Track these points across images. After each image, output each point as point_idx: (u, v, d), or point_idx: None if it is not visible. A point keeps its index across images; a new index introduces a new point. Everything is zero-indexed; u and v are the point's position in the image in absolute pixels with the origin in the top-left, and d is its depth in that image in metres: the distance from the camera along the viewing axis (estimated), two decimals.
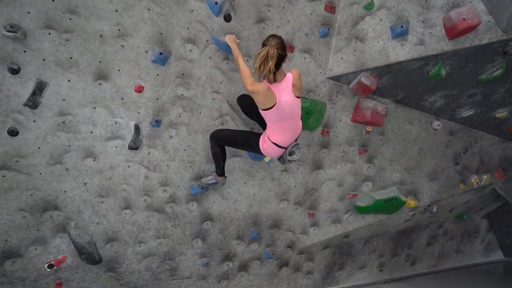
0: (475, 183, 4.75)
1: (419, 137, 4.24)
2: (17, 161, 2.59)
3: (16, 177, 2.61)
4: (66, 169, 2.75)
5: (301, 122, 2.72)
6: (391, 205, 4.23)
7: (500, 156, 4.97)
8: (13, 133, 2.53)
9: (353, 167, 4.02)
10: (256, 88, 2.41)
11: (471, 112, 4.17)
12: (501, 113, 4.24)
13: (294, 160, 2.78)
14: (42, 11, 2.44)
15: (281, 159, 2.83)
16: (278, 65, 2.37)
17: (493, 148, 4.85)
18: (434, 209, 4.67)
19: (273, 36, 2.37)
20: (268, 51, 2.31)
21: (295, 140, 2.74)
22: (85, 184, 2.84)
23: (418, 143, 4.27)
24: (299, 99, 2.56)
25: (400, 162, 4.25)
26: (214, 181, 3.11)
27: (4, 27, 2.33)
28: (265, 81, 2.47)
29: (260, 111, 2.54)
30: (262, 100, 2.45)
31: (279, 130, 2.60)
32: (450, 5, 3.09)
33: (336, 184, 4.00)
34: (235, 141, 2.89)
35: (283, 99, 2.45)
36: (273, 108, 2.45)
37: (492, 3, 2.93)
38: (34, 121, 2.58)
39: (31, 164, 2.64)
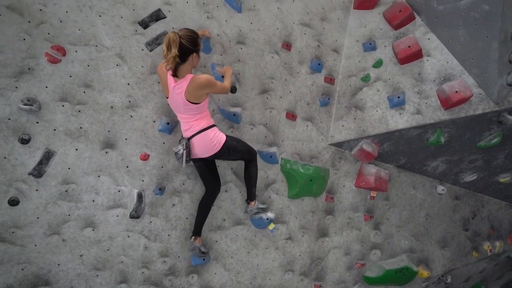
0: (488, 250, 4.55)
1: (425, 202, 4.18)
2: (13, 232, 2.50)
3: (9, 250, 2.49)
4: (63, 240, 2.64)
5: (190, 126, 2.58)
6: (402, 276, 3.98)
7: (510, 222, 4.83)
8: (13, 202, 2.48)
9: (360, 234, 3.88)
10: (159, 71, 2.53)
11: (474, 177, 4.17)
12: (504, 178, 4.23)
13: (178, 155, 2.60)
14: (59, 85, 2.58)
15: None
16: (183, 57, 2.34)
17: (502, 213, 4.74)
18: (449, 280, 4.38)
19: (185, 28, 2.43)
20: (170, 37, 2.29)
21: (188, 140, 2.61)
22: (81, 256, 2.70)
23: (425, 208, 4.18)
24: (191, 104, 2.46)
25: (407, 228, 4.12)
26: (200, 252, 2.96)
27: (22, 100, 2.44)
28: (169, 72, 2.46)
29: None
30: (162, 86, 2.57)
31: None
32: (442, 79, 3.30)
33: (343, 252, 3.82)
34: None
35: (172, 96, 2.48)
36: (168, 99, 2.57)
37: (481, 78, 3.13)
38: (36, 190, 2.55)
39: (27, 235, 2.54)
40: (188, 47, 2.35)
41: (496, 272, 5.27)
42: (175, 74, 2.44)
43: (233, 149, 2.74)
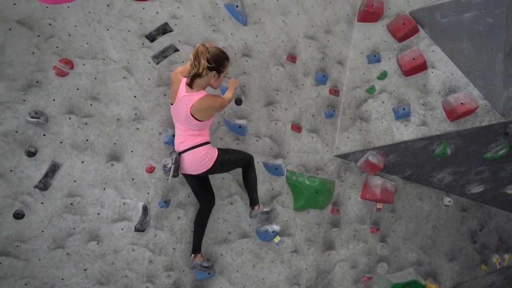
0: (497, 263, 4.47)
1: (431, 213, 4.13)
2: (17, 246, 2.47)
3: (13, 264, 2.46)
4: (67, 253, 2.61)
5: (184, 140, 2.51)
6: None
7: None
8: (18, 216, 2.46)
9: (366, 246, 3.83)
10: (173, 76, 2.48)
11: (481, 189, 4.13)
12: None
13: (166, 168, 2.52)
14: (66, 98, 2.60)
15: None
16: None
17: (510, 225, 4.68)
18: None
19: (216, 47, 2.40)
20: (198, 49, 2.25)
21: (179, 154, 2.54)
22: (85, 270, 2.67)
23: (431, 220, 4.13)
24: (194, 119, 2.41)
25: (414, 240, 4.06)
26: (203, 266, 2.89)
27: (29, 113, 2.45)
28: (183, 80, 2.43)
29: None
30: (170, 92, 2.54)
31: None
32: (447, 90, 3.30)
33: (349, 265, 3.76)
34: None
35: (177, 104, 2.44)
36: (172, 106, 2.51)
37: (486, 89, 3.13)
38: (42, 203, 2.54)
39: (31, 249, 2.51)
40: (210, 63, 2.29)
41: (505, 286, 5.16)
42: (190, 84, 2.40)
43: (226, 162, 2.68)
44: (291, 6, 3.36)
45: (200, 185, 2.76)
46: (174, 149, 2.62)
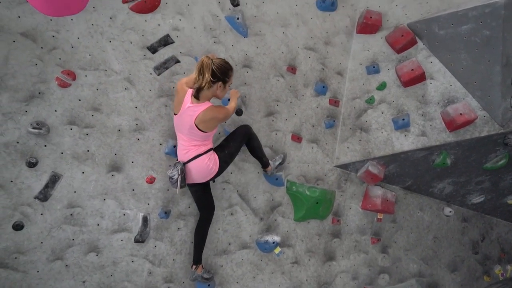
0: (499, 274, 4.43)
1: (432, 224, 4.11)
2: (15, 257, 2.45)
3: (10, 276, 2.43)
4: (66, 265, 2.59)
5: (188, 151, 2.54)
6: None
7: None
8: (18, 227, 2.45)
9: (367, 257, 3.80)
10: (178, 86, 2.49)
11: (482, 199, 4.13)
12: None
13: (172, 180, 2.54)
14: (68, 109, 2.61)
15: None
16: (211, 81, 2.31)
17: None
18: None
19: (220, 58, 2.42)
20: (203, 61, 2.28)
21: (184, 164, 2.56)
22: (84, 282, 2.64)
23: (432, 231, 4.11)
24: (199, 131, 2.44)
25: (416, 251, 4.03)
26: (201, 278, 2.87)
27: (31, 124, 2.46)
28: (189, 91, 2.44)
29: None
30: (174, 102, 2.54)
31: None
32: (446, 101, 3.33)
33: (351, 277, 3.72)
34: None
35: (181, 115, 2.46)
36: (175, 116, 2.52)
37: (485, 100, 3.16)
38: (41, 214, 2.52)
39: (30, 260, 2.49)
40: (216, 75, 2.32)
41: None
42: (196, 96, 2.41)
43: (229, 155, 2.74)
44: (291, 18, 3.41)
45: (204, 194, 2.78)
46: (177, 160, 2.63)
